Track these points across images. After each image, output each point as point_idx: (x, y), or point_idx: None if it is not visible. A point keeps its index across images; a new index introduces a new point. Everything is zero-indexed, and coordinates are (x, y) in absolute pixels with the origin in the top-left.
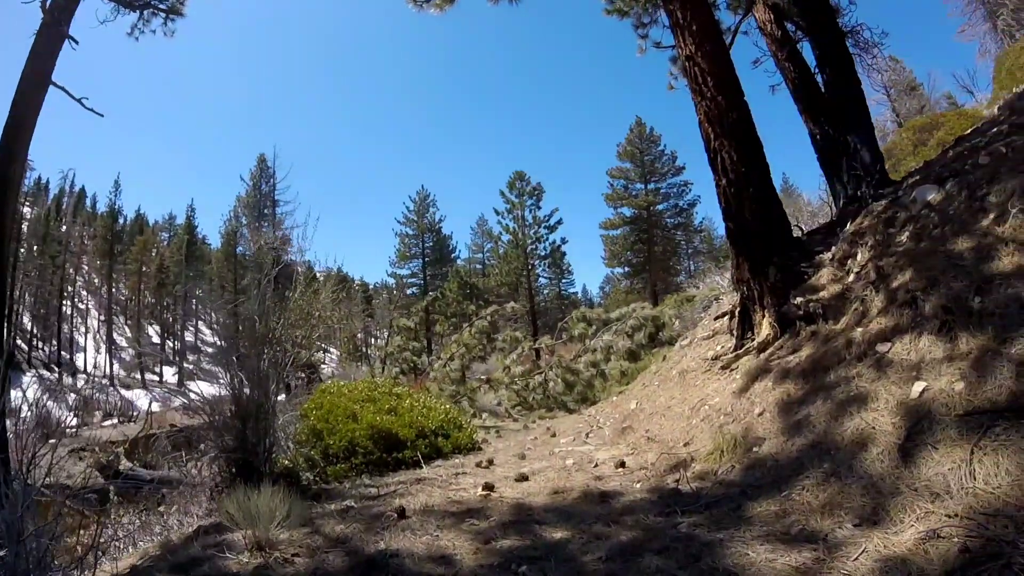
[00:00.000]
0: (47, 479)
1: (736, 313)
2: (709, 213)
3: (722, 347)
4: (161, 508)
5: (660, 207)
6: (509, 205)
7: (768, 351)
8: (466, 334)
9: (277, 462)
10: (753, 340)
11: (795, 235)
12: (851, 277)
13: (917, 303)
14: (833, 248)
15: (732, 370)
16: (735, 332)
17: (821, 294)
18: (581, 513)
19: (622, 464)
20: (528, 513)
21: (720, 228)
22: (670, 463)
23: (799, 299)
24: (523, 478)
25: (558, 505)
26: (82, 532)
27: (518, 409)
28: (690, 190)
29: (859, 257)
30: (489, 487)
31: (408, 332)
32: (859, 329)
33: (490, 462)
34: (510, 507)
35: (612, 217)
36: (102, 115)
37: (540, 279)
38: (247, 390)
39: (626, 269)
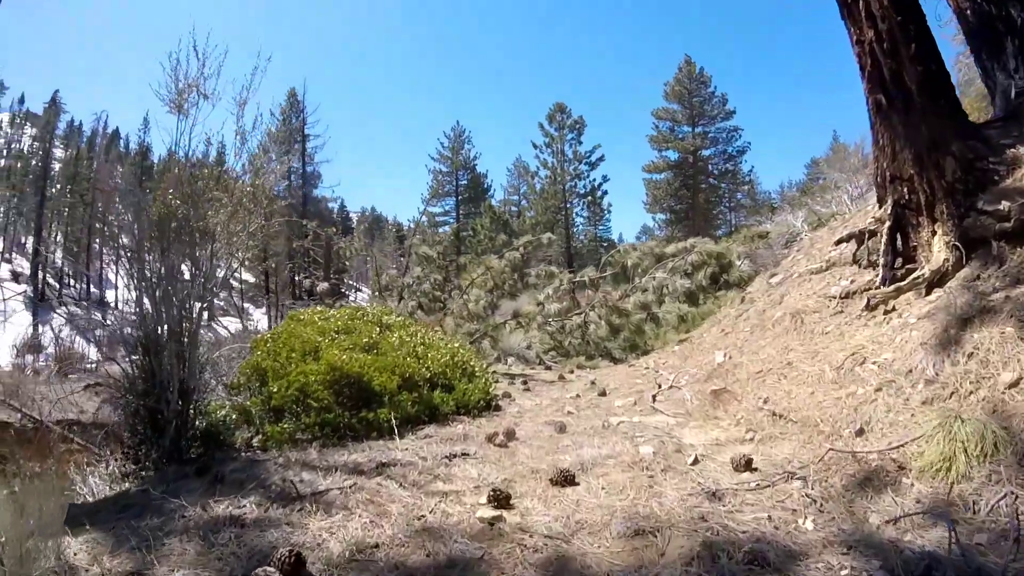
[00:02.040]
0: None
1: (884, 231)
2: (757, 163)
3: (853, 281)
4: None
5: (707, 152)
6: (548, 139)
7: (952, 282)
8: (494, 261)
9: (207, 414)
10: (919, 268)
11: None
12: None
13: None
14: None
15: (890, 311)
16: (881, 258)
17: None
18: None
19: (748, 464)
20: None
21: (768, 181)
22: (850, 471)
23: (998, 206)
24: (566, 479)
25: None
26: None
27: (552, 355)
28: (739, 136)
29: None
30: (500, 501)
31: (429, 262)
32: None
33: (509, 435)
34: (539, 569)
35: (656, 160)
36: None
37: (577, 220)
38: (151, 307)
39: (668, 216)
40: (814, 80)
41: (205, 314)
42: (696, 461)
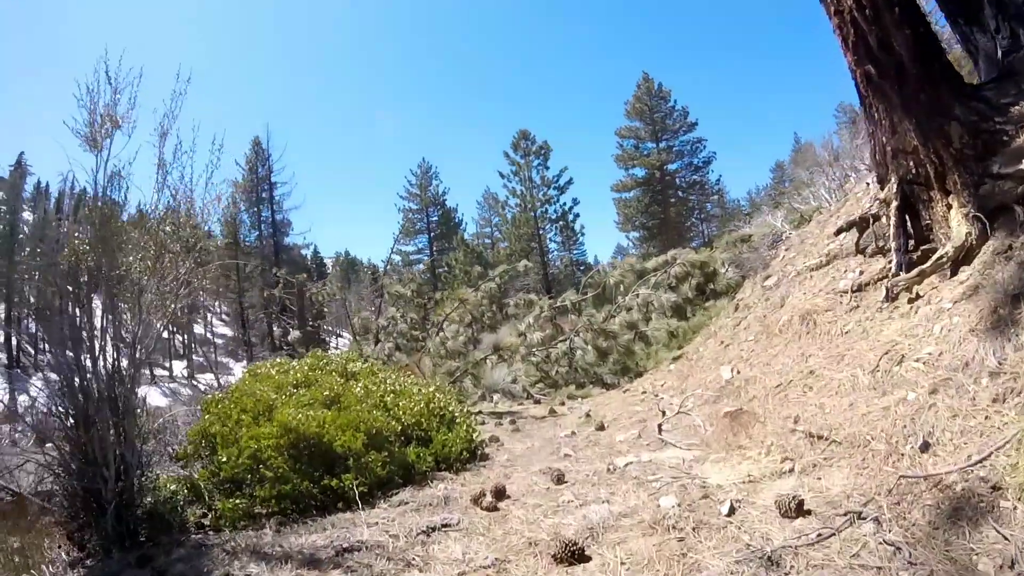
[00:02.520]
0: None
1: (892, 212)
2: (724, 172)
3: (862, 272)
4: None
5: (673, 166)
6: (515, 167)
7: (980, 257)
8: (469, 294)
9: (155, 491)
10: (939, 248)
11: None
12: None
13: None
14: None
15: (915, 299)
16: (892, 243)
17: None
18: None
19: (798, 506)
20: None
21: (736, 189)
22: (930, 500)
23: (1017, 166)
24: (573, 554)
25: None
26: None
27: (539, 387)
28: (704, 147)
29: None
30: None
31: (404, 301)
32: None
33: (499, 494)
34: None
35: (624, 179)
36: None
37: (551, 246)
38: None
39: (641, 233)
40: (770, 84)
41: (146, 373)
42: (732, 510)
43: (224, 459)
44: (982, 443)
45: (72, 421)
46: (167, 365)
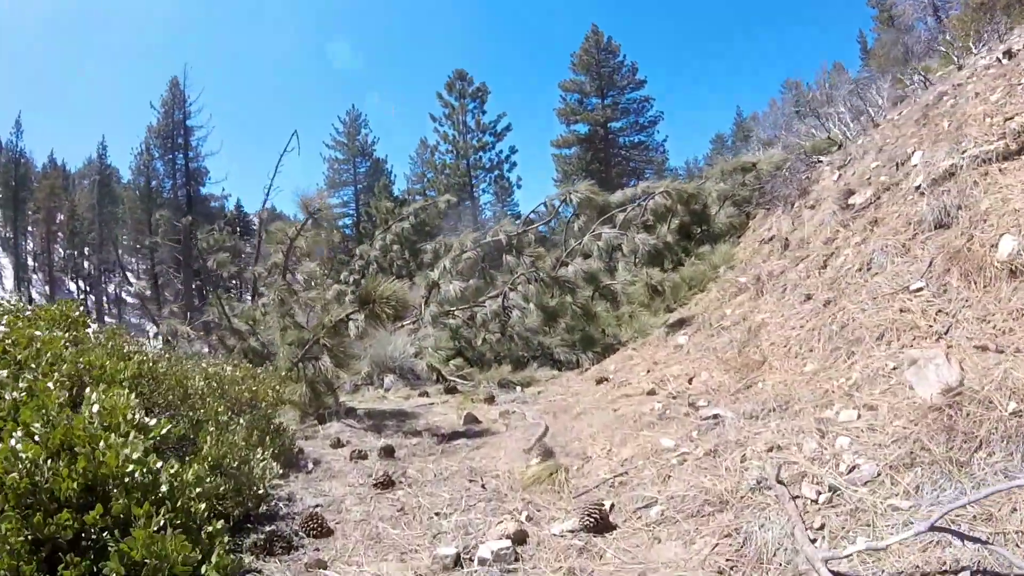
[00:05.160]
0: None
1: None
2: (672, 132)
3: None
4: None
5: (617, 124)
6: (448, 109)
7: None
8: (376, 244)
9: None
10: None
11: None
12: None
13: None
14: None
15: None
16: None
17: None
18: None
19: None
20: None
21: (674, 158)
22: None
23: None
24: None
25: None
26: None
27: (457, 364)
28: (651, 106)
29: None
30: None
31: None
32: None
33: None
34: None
35: (565, 134)
36: None
37: (483, 197)
38: None
39: None
40: (715, 56)
41: None
42: None
43: None
44: None
45: None
46: None
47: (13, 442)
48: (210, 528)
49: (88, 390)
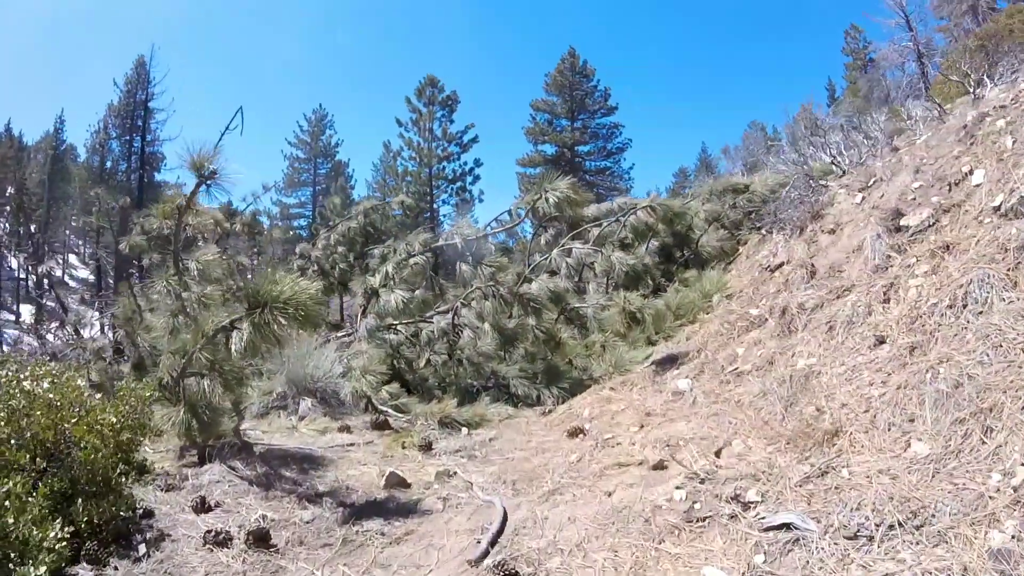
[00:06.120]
0: None
1: None
2: (639, 161)
3: None
4: None
5: (585, 148)
6: (415, 114)
7: None
8: (319, 243)
9: None
10: None
11: None
12: None
13: None
14: None
15: None
16: None
17: None
18: None
19: None
20: None
21: (637, 188)
22: None
23: None
24: None
25: None
26: None
27: (393, 390)
28: (620, 133)
29: None
30: None
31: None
32: None
33: None
34: None
35: (531, 154)
36: None
37: (443, 209)
38: None
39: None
40: (683, 92)
41: None
42: None
43: None
44: None
45: None
46: (14, 308)
47: None
48: None
49: None
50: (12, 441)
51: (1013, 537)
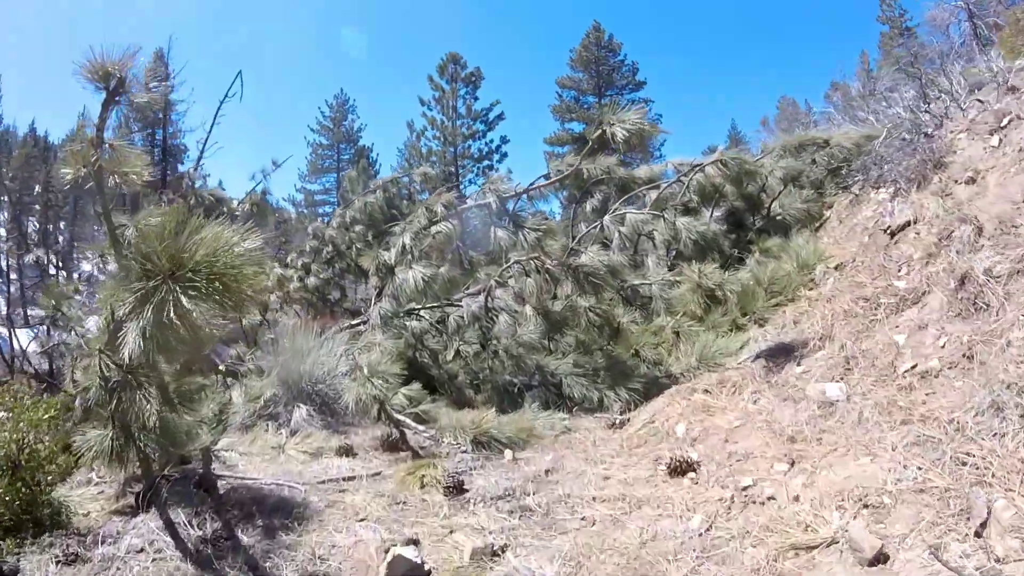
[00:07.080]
0: None
1: None
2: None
3: None
4: None
5: None
6: (438, 93)
7: None
8: (334, 221)
9: None
10: None
11: None
12: None
13: None
14: None
15: None
16: None
17: None
18: None
19: None
20: None
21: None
22: None
23: None
24: None
25: None
26: None
27: (409, 396)
28: (650, 108)
29: None
30: None
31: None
32: None
33: None
34: None
35: (559, 132)
36: None
37: (468, 189)
38: None
39: (570, 192)
40: (715, 68)
41: None
42: None
43: None
44: None
45: None
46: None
47: None
48: None
49: None
50: None
51: None
